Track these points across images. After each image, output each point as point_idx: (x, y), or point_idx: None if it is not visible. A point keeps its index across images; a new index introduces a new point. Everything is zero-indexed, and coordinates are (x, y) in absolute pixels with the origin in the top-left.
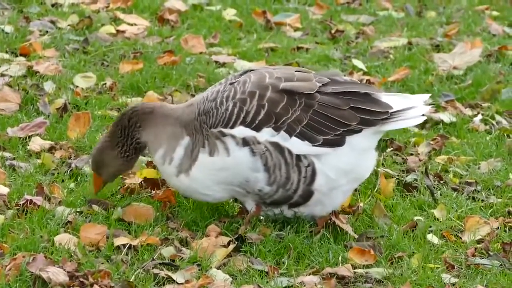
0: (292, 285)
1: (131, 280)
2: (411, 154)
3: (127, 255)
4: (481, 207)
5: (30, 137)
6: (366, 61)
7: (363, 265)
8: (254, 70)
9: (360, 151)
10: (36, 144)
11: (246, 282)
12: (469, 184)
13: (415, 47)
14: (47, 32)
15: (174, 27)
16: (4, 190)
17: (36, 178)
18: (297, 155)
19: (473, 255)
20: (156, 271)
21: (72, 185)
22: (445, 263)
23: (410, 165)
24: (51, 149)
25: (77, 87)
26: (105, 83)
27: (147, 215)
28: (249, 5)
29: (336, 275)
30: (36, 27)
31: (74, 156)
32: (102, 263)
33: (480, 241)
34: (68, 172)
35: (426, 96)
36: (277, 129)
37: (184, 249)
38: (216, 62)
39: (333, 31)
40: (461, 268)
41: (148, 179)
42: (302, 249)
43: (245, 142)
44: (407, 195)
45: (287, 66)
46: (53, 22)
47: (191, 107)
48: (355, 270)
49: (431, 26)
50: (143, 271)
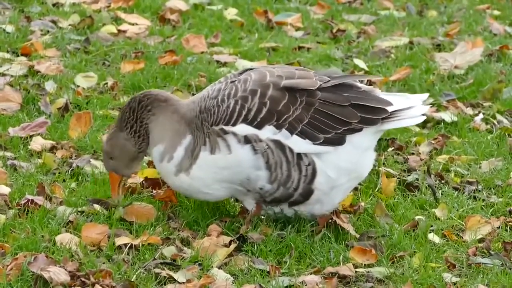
0: (293, 285)
1: (132, 280)
2: (412, 154)
3: (128, 254)
4: (482, 207)
5: (31, 136)
6: (368, 61)
7: (364, 265)
8: (254, 68)
9: (360, 150)
10: (37, 143)
11: (247, 281)
12: (470, 183)
13: (416, 46)
14: (48, 31)
15: (175, 27)
16: (5, 190)
17: (37, 177)
18: (298, 154)
19: (474, 255)
20: (157, 270)
21: (73, 184)
22: (446, 262)
23: (411, 164)
24: (52, 149)
25: (78, 86)
26: (107, 83)
27: (148, 214)
28: (250, 4)
29: (337, 275)
30: (37, 26)
31: (75, 156)
32: (104, 263)
33: (481, 240)
34: (69, 172)
35: (425, 96)
36: (278, 127)
37: (185, 248)
38: (218, 61)
39: (334, 30)
40: (462, 268)
41: (149, 178)
42: (303, 248)
43: (247, 140)
44: (408, 194)
45: (288, 65)
46: (54, 22)
47: (192, 104)
48: (357, 270)
49: (432, 25)
50: (144, 270)
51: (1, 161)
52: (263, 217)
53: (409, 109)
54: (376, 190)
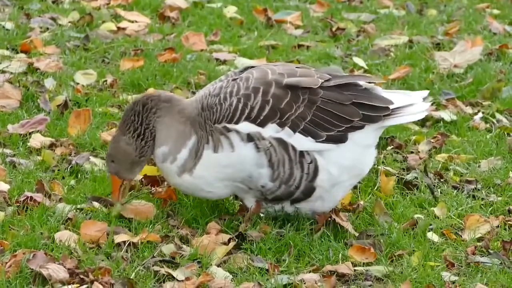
0: (292, 283)
1: (131, 277)
2: (412, 152)
3: (127, 252)
4: (481, 205)
5: (30, 134)
6: (367, 59)
7: (363, 263)
8: (255, 67)
9: (361, 147)
10: (37, 141)
11: (246, 279)
12: (469, 182)
13: (415, 45)
14: (48, 29)
15: (175, 24)
16: (4, 186)
17: (37, 175)
18: (300, 152)
19: (473, 253)
20: (156, 268)
21: (72, 182)
22: (445, 261)
23: (411, 163)
24: (51, 146)
25: (77, 84)
26: (106, 80)
27: (147, 212)
28: (250, 2)
29: (336, 273)
30: (36, 24)
31: (75, 153)
32: (103, 260)
33: (480, 239)
34: (69, 169)
35: (425, 93)
36: (281, 125)
37: (184, 246)
38: (217, 59)
39: (334, 29)
40: (461, 266)
41: (148, 176)
42: (302, 246)
43: (250, 138)
44: (407, 193)
45: (288, 63)
46: (53, 19)
47: (195, 103)
48: (355, 268)
49: (432, 24)
50: (143, 268)
51: (0, 158)
52: (262, 215)
53: (410, 106)
54: (375, 188)
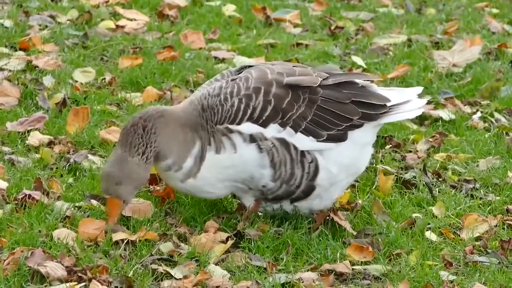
0: (290, 282)
1: (129, 276)
2: (410, 151)
3: (125, 250)
4: (480, 205)
5: (29, 131)
6: (366, 58)
7: (361, 262)
8: (252, 66)
9: (360, 145)
10: (35, 138)
11: (244, 278)
12: (467, 181)
13: (414, 44)
14: (47, 26)
15: (173, 23)
16: (2, 184)
17: (35, 172)
18: (301, 151)
19: (471, 253)
20: (154, 266)
21: (70, 180)
22: (443, 260)
23: (409, 162)
24: (50, 144)
25: (76, 82)
26: (104, 78)
27: (145, 210)
28: (248, 1)
29: (334, 272)
30: (35, 21)
31: (73, 151)
32: (100, 258)
33: (478, 238)
34: (67, 167)
35: (420, 89)
36: (283, 125)
37: (182, 244)
38: (216, 57)
39: (332, 27)
40: (459, 266)
41: None
42: (300, 245)
43: (252, 139)
44: (405, 192)
45: (285, 62)
46: (52, 17)
47: (192, 105)
48: (353, 267)
49: (431, 23)
50: (141, 266)
51: None
52: (260, 213)
53: (406, 103)
54: (374, 187)
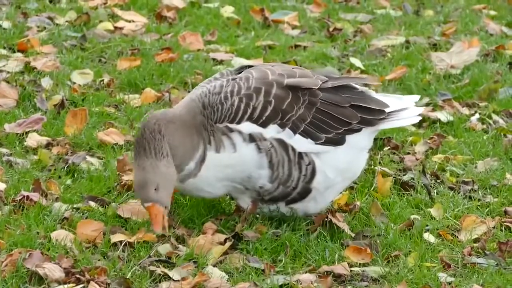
0: (288, 283)
1: (127, 277)
2: (408, 153)
3: (123, 252)
4: (478, 206)
5: (27, 133)
6: (364, 60)
7: (359, 264)
8: (252, 66)
9: (357, 150)
10: (33, 140)
11: (242, 279)
12: (465, 183)
13: (412, 45)
14: (45, 28)
15: (172, 24)
16: (1, 186)
17: (33, 174)
18: (299, 153)
19: (470, 254)
20: (152, 268)
21: (69, 181)
22: (441, 262)
23: (407, 164)
24: (48, 145)
25: (74, 83)
26: (103, 80)
27: (144, 212)
28: (247, 2)
29: (332, 273)
30: (34, 23)
31: (71, 153)
32: (99, 260)
33: (476, 240)
34: (65, 168)
35: (417, 97)
36: (282, 125)
37: (180, 246)
38: (214, 59)
39: (331, 29)
40: (458, 267)
41: None
42: (298, 247)
43: (252, 138)
44: (404, 194)
45: (284, 64)
46: (51, 18)
47: (193, 103)
48: (352, 269)
49: (429, 24)
50: (139, 268)
51: None
52: (258, 215)
53: (404, 110)
54: (372, 189)
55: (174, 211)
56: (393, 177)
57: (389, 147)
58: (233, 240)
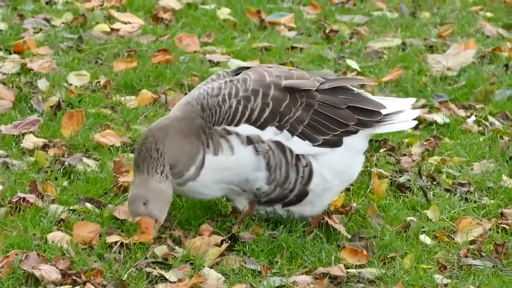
0: (284, 285)
1: (123, 279)
2: (404, 155)
3: (120, 253)
4: (474, 208)
5: (23, 134)
6: (360, 61)
7: (355, 265)
8: (249, 68)
9: (354, 152)
10: (30, 141)
11: (238, 281)
12: (462, 185)
13: (409, 47)
14: (41, 29)
15: (168, 26)
16: None
17: (29, 175)
18: (297, 155)
19: (466, 256)
20: (148, 269)
21: (65, 183)
22: (437, 263)
23: (403, 165)
24: (44, 147)
25: (71, 85)
26: (99, 81)
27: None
28: (243, 4)
29: (328, 275)
30: (30, 24)
31: (68, 154)
32: (95, 261)
33: (472, 242)
34: (61, 170)
35: (413, 100)
36: (280, 128)
37: (177, 248)
38: (210, 61)
39: (327, 31)
40: (454, 269)
41: None
42: (295, 248)
43: (249, 141)
44: (400, 195)
45: (280, 65)
46: (47, 20)
47: (190, 106)
48: (348, 270)
49: (425, 26)
50: (135, 269)
51: None
52: (254, 217)
53: (400, 113)
54: (368, 191)
55: (171, 213)
56: (389, 178)
57: (385, 149)
58: (229, 241)
